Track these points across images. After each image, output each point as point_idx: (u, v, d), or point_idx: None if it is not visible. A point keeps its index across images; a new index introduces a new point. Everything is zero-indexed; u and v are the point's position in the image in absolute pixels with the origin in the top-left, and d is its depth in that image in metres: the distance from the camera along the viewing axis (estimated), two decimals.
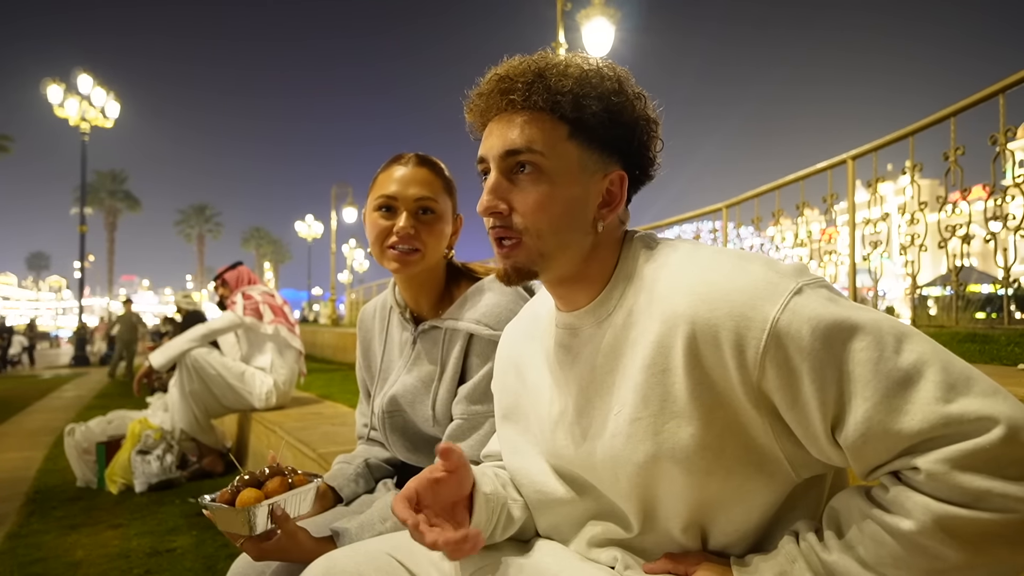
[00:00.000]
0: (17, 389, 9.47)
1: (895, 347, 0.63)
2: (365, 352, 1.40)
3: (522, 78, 0.75)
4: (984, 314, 3.93)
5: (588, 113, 0.75)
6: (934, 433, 0.60)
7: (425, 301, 1.26)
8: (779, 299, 0.66)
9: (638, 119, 0.78)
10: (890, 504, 0.64)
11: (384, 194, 1.18)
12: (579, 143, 0.76)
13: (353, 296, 17.44)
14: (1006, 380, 0.73)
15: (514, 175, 0.76)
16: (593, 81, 0.75)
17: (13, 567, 2.37)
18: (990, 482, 0.58)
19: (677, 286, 0.72)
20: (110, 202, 45.78)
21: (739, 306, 0.67)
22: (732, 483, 0.71)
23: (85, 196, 15.97)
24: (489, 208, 0.76)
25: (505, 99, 0.76)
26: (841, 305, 0.66)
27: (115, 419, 3.71)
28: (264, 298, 3.78)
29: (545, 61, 0.77)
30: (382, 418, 1.29)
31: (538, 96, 0.74)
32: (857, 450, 0.64)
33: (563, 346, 0.84)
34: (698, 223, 6.89)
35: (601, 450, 0.78)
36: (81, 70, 14.09)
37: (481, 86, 0.79)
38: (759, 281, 0.68)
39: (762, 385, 0.67)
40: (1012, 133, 3.04)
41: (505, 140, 0.76)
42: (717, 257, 0.73)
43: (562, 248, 0.76)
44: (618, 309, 0.78)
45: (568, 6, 7.37)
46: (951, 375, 0.61)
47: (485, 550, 0.90)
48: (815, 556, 0.67)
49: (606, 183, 0.78)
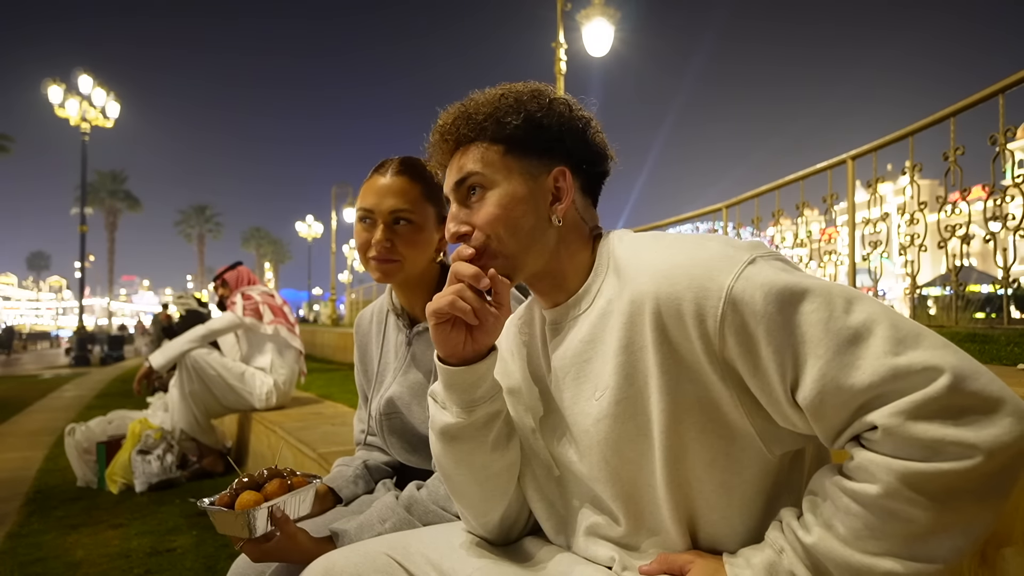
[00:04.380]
0: (17, 389, 9.47)
1: (844, 308, 0.66)
2: (362, 356, 1.41)
3: (452, 122, 0.85)
4: (983, 314, 3.93)
5: (511, 128, 0.82)
6: (885, 387, 0.62)
7: (419, 304, 1.27)
8: (733, 269, 0.69)
9: (563, 119, 0.84)
10: (855, 471, 0.65)
11: (362, 206, 1.21)
12: (516, 156, 0.83)
13: (353, 296, 17.44)
14: (1006, 380, 0.72)
15: (468, 200, 0.84)
16: (507, 102, 0.83)
17: (13, 567, 2.37)
18: (943, 429, 0.60)
19: (642, 268, 0.77)
20: (110, 202, 45.82)
21: (697, 279, 0.71)
22: (705, 459, 0.73)
23: (85, 196, 15.97)
24: (454, 233, 0.85)
25: (445, 143, 0.86)
26: (793, 274, 0.69)
27: (115, 419, 3.71)
28: (264, 298, 3.78)
29: (469, 100, 0.86)
30: (380, 420, 1.29)
31: (465, 130, 0.84)
32: (815, 409, 0.66)
33: (547, 342, 0.89)
34: (698, 223, 6.89)
35: (588, 437, 0.80)
36: (81, 70, 14.09)
37: (431, 140, 0.89)
38: (716, 255, 0.72)
39: (725, 354, 0.70)
40: (1012, 133, 3.04)
41: (452, 175, 0.86)
42: (679, 239, 0.78)
43: (525, 248, 0.82)
44: (597, 300, 0.82)
45: (568, 6, 7.38)
46: (899, 331, 0.64)
47: (483, 550, 0.90)
48: (798, 542, 0.68)
49: (551, 180, 0.84)
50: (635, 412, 0.75)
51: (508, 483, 0.90)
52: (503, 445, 0.87)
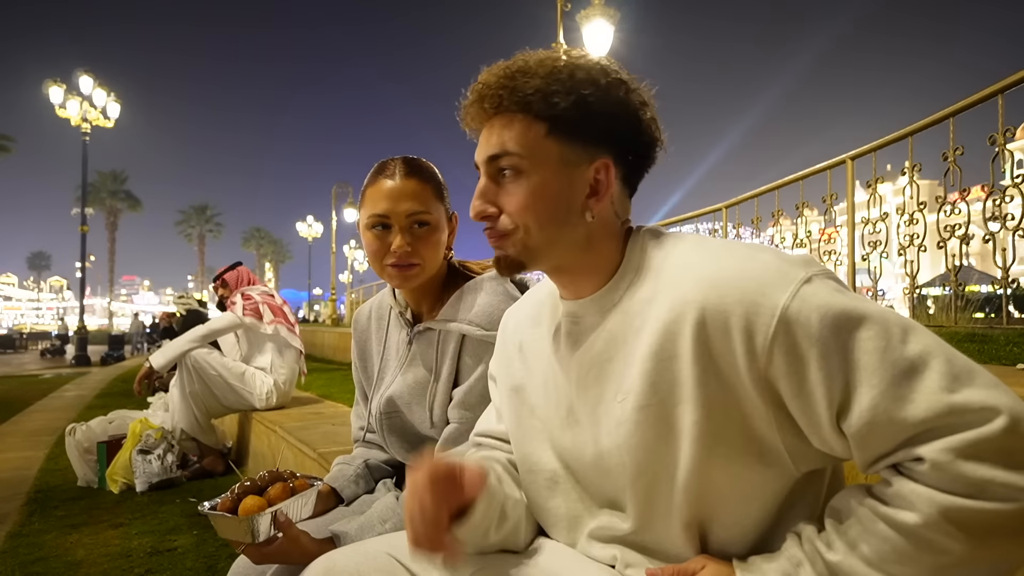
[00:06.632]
0: (17, 389, 9.47)
1: (901, 337, 0.64)
2: (361, 354, 1.40)
3: (494, 84, 0.77)
4: (983, 314, 3.93)
5: (560, 109, 0.75)
6: (938, 422, 0.61)
7: (425, 303, 1.27)
8: (789, 287, 0.67)
9: (619, 106, 0.77)
10: (893, 498, 0.64)
11: (375, 212, 1.15)
12: (558, 139, 0.76)
13: (353, 296, 17.44)
14: (1005, 380, 0.73)
15: (500, 178, 0.79)
16: (561, 77, 0.75)
17: (14, 567, 2.38)
18: (993, 471, 0.59)
19: (686, 273, 0.73)
20: (111, 202, 45.83)
21: (750, 293, 0.68)
22: (731, 472, 0.72)
23: (86, 196, 15.96)
24: (479, 213, 0.80)
25: (481, 107, 0.79)
26: (848, 296, 0.67)
27: (116, 419, 3.72)
28: (263, 298, 3.78)
29: (517, 64, 0.78)
30: (380, 419, 1.29)
31: (509, 100, 0.76)
32: (862, 438, 0.65)
33: (565, 333, 0.84)
34: (697, 223, 6.89)
35: (606, 439, 0.78)
36: (82, 71, 14.09)
37: (466, 99, 0.81)
38: (770, 269, 0.69)
39: (769, 372, 0.67)
40: (1011, 133, 3.04)
41: (486, 146, 0.79)
42: (727, 245, 0.74)
43: (550, 243, 0.78)
44: (624, 298, 0.78)
45: (568, 6, 7.38)
46: (955, 366, 0.62)
47: None
48: (819, 558, 0.67)
49: (591, 172, 0.78)
50: (657, 421, 0.73)
51: (520, 532, 0.89)
52: (504, 527, 0.86)
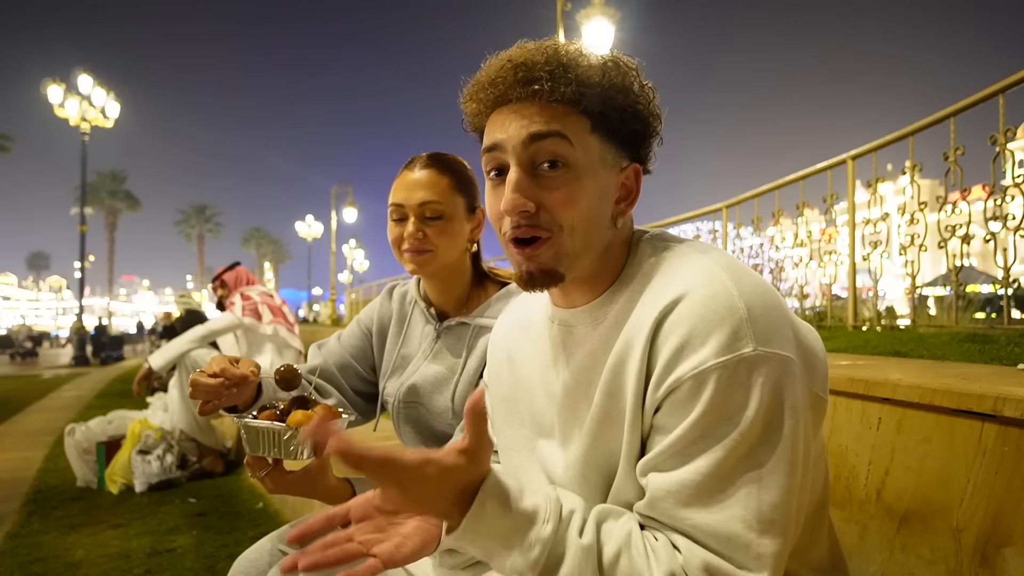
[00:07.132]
0: (17, 389, 9.46)
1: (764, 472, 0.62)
2: (381, 331, 1.38)
3: (547, 67, 0.70)
4: (984, 314, 3.93)
5: (611, 107, 0.72)
6: (717, 542, 0.61)
7: (450, 298, 1.30)
8: (729, 352, 0.63)
9: (651, 113, 0.75)
10: (656, 548, 0.64)
11: (394, 202, 1.24)
12: (600, 137, 0.72)
13: (353, 296, 17.44)
14: (1006, 380, 0.72)
15: (537, 170, 0.71)
16: (613, 74, 0.72)
17: (13, 567, 2.37)
18: None
19: (662, 294, 0.69)
20: (110, 202, 45.81)
21: (697, 335, 0.64)
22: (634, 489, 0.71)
23: (85, 196, 15.98)
24: (518, 207, 0.70)
25: (527, 89, 0.70)
26: (777, 396, 0.63)
27: (115, 419, 3.72)
28: (262, 298, 3.78)
29: (566, 50, 0.72)
30: (397, 407, 1.30)
31: (566, 88, 0.69)
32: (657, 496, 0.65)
33: (557, 343, 0.81)
34: (698, 223, 6.89)
35: (574, 452, 0.76)
36: (81, 70, 14.11)
37: (491, 73, 0.73)
38: (732, 324, 0.63)
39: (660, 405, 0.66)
40: (1012, 133, 3.04)
41: (533, 123, 0.70)
42: (715, 274, 0.67)
43: (588, 246, 0.72)
44: (612, 313, 0.75)
45: (568, 6, 7.37)
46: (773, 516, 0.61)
47: None
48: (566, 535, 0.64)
49: (622, 177, 0.75)
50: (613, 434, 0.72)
51: None
52: None
